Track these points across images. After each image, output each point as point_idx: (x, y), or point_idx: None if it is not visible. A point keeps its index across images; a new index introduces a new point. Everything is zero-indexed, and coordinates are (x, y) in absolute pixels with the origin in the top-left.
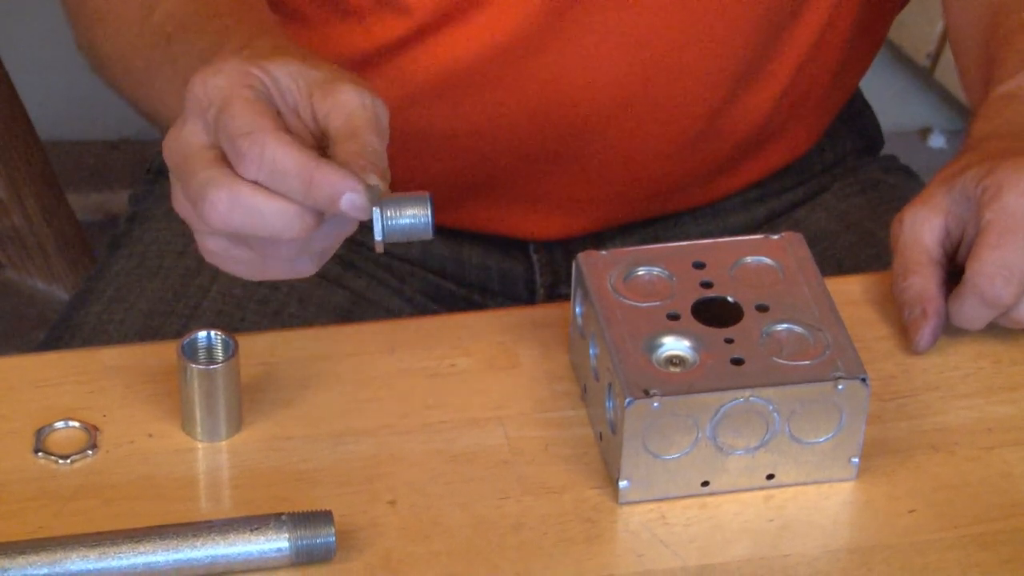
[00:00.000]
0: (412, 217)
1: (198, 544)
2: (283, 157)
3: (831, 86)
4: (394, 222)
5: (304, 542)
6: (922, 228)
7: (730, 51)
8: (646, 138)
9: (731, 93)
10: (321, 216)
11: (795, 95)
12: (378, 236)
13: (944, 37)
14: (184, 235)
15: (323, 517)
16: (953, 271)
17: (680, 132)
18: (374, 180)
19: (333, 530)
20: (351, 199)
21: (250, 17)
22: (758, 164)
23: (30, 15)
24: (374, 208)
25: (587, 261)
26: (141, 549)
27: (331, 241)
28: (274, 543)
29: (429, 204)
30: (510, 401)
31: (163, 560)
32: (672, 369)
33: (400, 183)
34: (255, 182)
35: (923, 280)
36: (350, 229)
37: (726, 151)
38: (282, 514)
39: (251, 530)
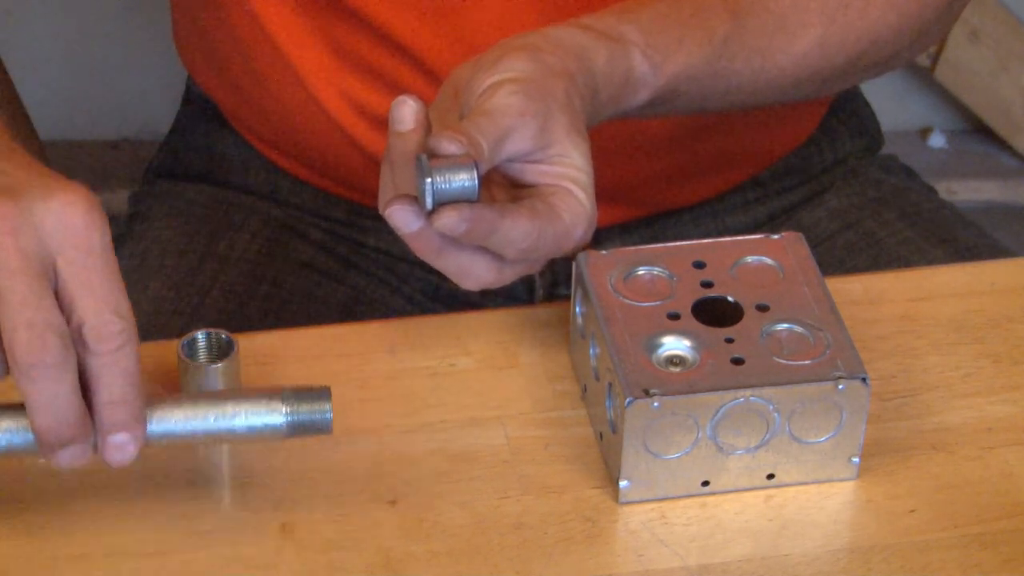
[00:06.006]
0: (460, 183)
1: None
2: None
3: None
4: (444, 189)
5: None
6: None
7: None
8: (644, 128)
9: None
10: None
11: None
12: (429, 207)
13: (944, 37)
14: (185, 234)
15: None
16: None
17: (677, 123)
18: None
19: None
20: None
21: None
22: (756, 157)
23: (30, 15)
24: (425, 179)
25: (587, 261)
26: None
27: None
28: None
29: (475, 169)
30: (510, 401)
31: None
32: (672, 369)
33: None
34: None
35: None
36: None
37: (722, 144)
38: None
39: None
